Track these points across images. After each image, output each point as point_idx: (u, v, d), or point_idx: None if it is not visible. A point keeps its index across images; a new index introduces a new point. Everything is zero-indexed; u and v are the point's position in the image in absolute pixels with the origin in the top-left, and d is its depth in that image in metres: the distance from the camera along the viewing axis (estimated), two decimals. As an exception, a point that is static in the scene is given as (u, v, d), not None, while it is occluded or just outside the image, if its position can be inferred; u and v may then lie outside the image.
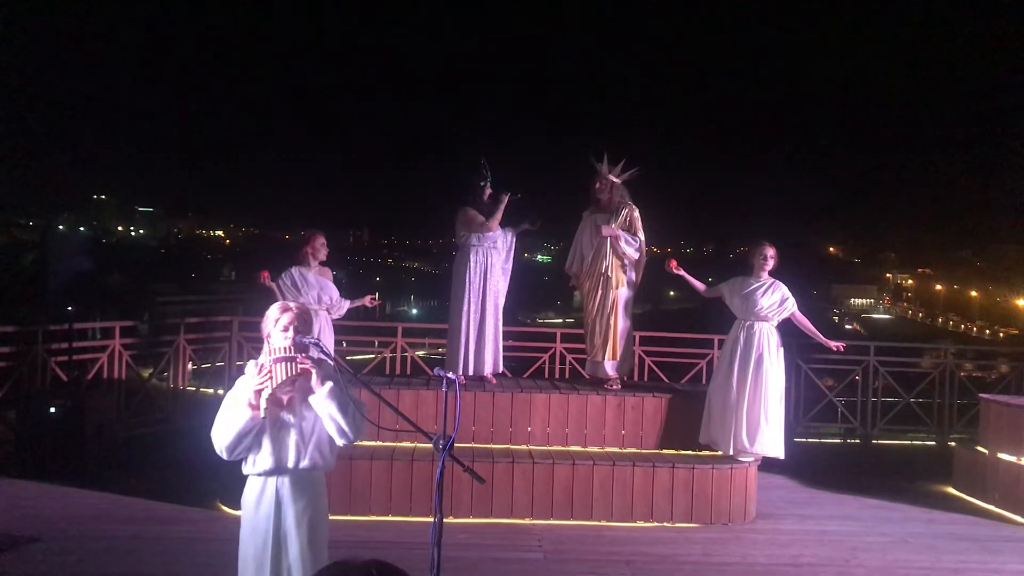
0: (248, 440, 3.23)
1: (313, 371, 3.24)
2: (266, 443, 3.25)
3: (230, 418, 3.22)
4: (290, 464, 3.26)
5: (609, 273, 7.21)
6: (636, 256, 7.25)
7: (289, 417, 3.27)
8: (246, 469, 3.32)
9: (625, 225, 7.22)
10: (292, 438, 3.26)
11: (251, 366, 3.32)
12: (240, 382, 3.30)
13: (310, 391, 3.26)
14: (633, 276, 7.34)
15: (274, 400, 3.24)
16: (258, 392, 3.20)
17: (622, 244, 7.17)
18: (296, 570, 3.27)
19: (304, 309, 3.44)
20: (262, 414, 3.22)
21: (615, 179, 7.28)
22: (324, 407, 3.24)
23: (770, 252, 6.91)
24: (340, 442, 3.31)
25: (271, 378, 3.19)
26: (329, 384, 3.25)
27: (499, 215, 7.11)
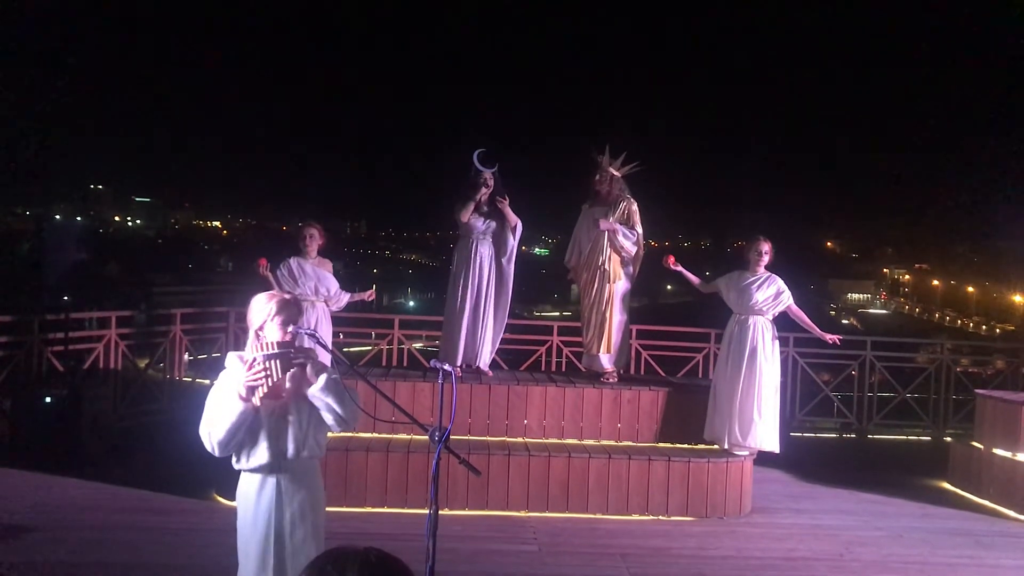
0: (241, 435, 3.19)
1: (308, 364, 3.23)
2: (263, 437, 3.22)
3: (222, 413, 3.16)
4: (290, 455, 3.24)
5: (606, 267, 7.20)
6: (634, 250, 7.24)
7: (287, 410, 3.26)
8: (240, 465, 3.28)
9: (623, 219, 7.20)
10: (291, 430, 3.24)
11: (232, 358, 3.27)
12: (223, 377, 3.25)
13: (306, 383, 3.25)
14: (630, 270, 7.34)
15: (271, 393, 3.23)
16: (251, 388, 3.16)
17: (619, 238, 7.16)
18: (299, 559, 3.26)
19: (293, 298, 3.42)
20: (256, 404, 3.19)
21: (615, 172, 7.26)
22: (323, 398, 3.23)
23: (765, 247, 6.91)
24: (338, 430, 3.31)
25: (268, 375, 3.16)
26: (325, 375, 3.24)
27: (470, 206, 7.03)
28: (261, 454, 3.22)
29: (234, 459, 3.27)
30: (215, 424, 3.17)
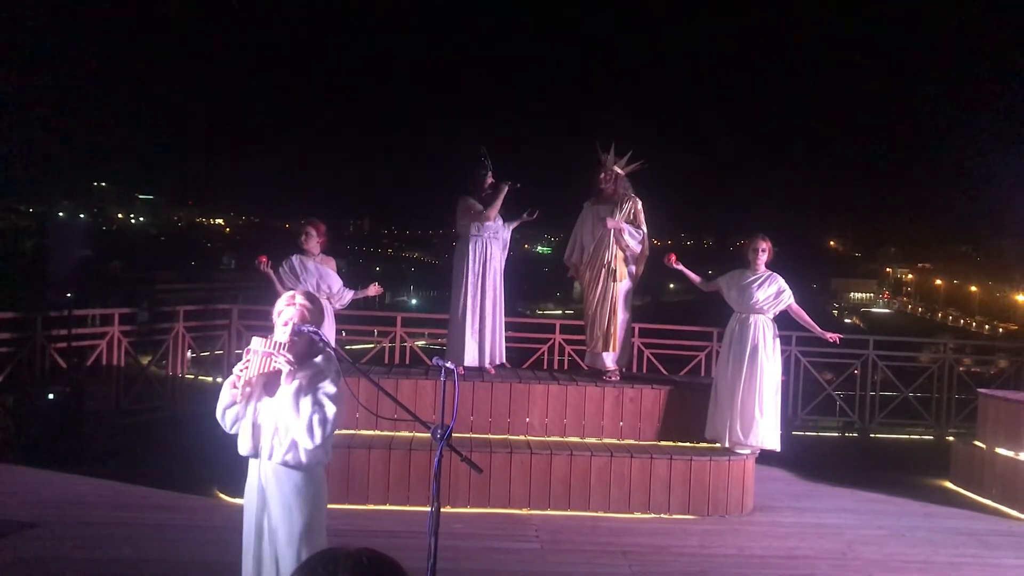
0: (232, 415, 3.31)
1: (283, 371, 3.21)
2: (247, 427, 3.31)
3: (221, 392, 3.34)
4: (265, 456, 3.29)
5: (612, 265, 7.19)
6: (639, 248, 7.24)
7: (269, 409, 3.28)
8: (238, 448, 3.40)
9: (629, 217, 7.20)
10: (269, 431, 3.28)
11: (256, 341, 3.33)
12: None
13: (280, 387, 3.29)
14: (634, 268, 7.34)
15: (261, 387, 3.27)
16: (238, 375, 3.27)
17: (626, 237, 7.16)
18: (281, 559, 3.28)
19: (315, 303, 3.43)
20: (238, 395, 3.28)
21: (620, 171, 7.26)
22: (287, 407, 3.23)
23: (763, 245, 6.90)
24: (306, 442, 3.27)
25: (246, 368, 3.26)
26: (295, 383, 3.22)
27: (498, 205, 7.08)
28: (244, 443, 3.34)
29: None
30: (219, 399, 3.35)
